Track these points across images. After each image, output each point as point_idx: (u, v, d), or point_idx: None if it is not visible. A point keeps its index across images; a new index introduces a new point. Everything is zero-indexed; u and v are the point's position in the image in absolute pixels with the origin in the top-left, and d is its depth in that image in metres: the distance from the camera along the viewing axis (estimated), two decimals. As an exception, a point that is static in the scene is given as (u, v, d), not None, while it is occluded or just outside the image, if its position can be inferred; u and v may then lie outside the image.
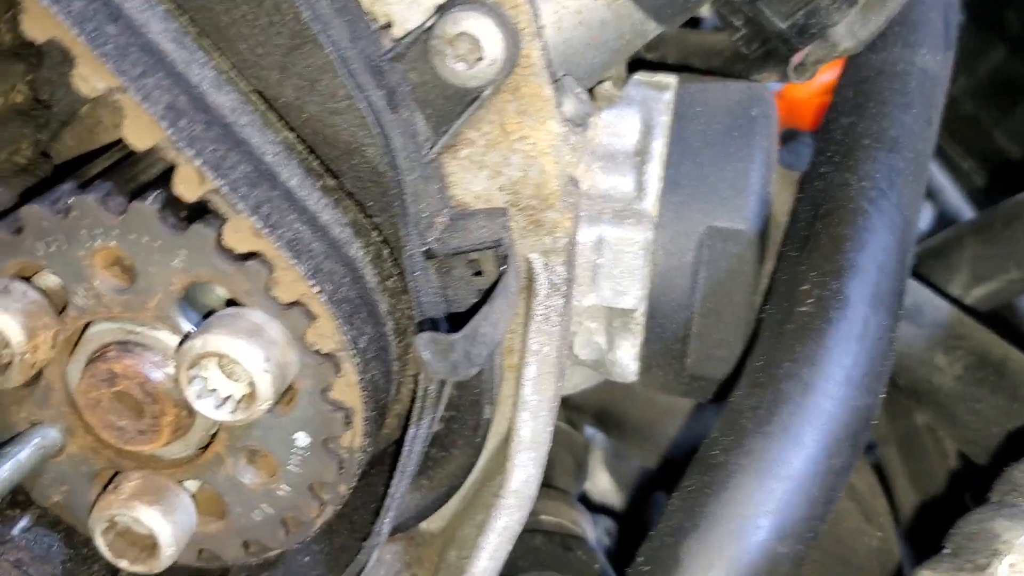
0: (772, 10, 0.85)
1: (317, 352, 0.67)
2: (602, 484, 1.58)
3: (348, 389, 0.69)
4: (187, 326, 0.68)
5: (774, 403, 0.68)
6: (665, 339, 0.89)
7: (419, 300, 0.71)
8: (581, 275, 0.87)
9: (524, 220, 0.77)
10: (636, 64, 1.04)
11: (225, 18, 0.67)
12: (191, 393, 0.65)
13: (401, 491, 0.72)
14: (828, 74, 1.08)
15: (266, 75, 0.69)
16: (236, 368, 0.65)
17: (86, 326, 0.70)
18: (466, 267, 0.74)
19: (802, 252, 0.76)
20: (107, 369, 0.68)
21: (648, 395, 1.24)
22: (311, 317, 0.66)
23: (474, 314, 0.71)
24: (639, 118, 0.91)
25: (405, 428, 0.75)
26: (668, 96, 0.93)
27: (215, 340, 0.63)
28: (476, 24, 0.69)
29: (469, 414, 0.80)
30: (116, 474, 0.75)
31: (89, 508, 0.76)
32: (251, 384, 0.64)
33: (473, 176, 0.76)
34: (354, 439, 0.71)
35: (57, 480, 0.77)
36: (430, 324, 0.69)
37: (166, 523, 0.71)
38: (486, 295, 0.71)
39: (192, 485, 0.75)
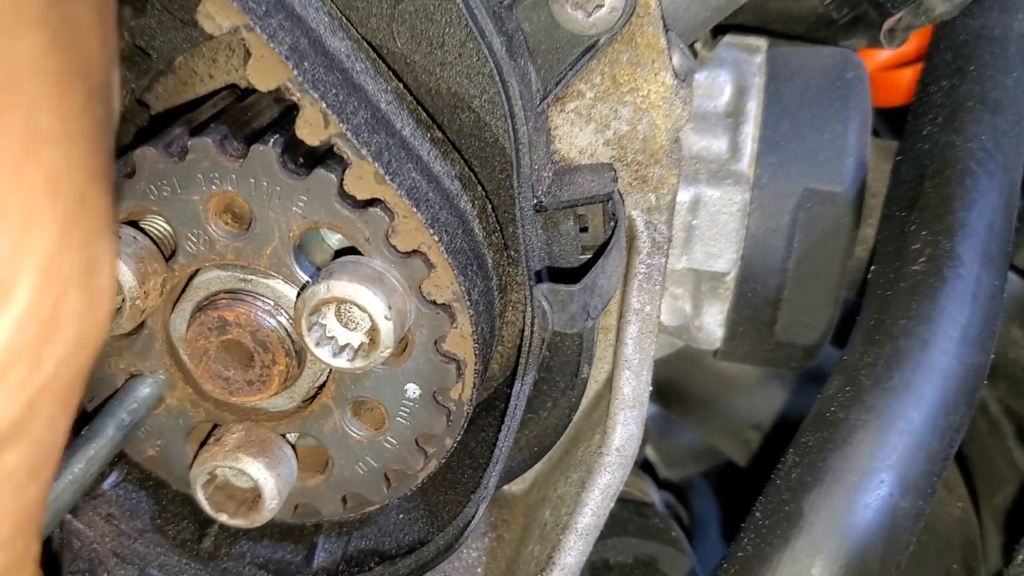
0: (870, -27, 0.84)
1: (433, 302, 0.66)
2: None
3: (461, 341, 0.68)
4: (302, 275, 0.67)
5: (892, 359, 0.67)
6: (755, 304, 0.88)
7: (527, 254, 0.70)
8: (675, 237, 0.86)
9: (629, 176, 0.76)
10: (715, 29, 1.03)
11: (340, -38, 0.66)
12: (310, 340, 0.64)
13: (508, 444, 0.71)
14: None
15: (375, 23, 0.68)
16: (357, 315, 0.64)
17: (194, 274, 0.69)
18: (573, 222, 0.73)
19: (910, 212, 0.75)
20: (218, 317, 0.68)
21: (715, 368, 1.23)
22: (429, 266, 0.65)
23: (581, 271, 0.70)
24: (731, 80, 0.90)
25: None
26: (759, 59, 0.92)
27: (339, 286, 0.62)
28: (597, -30, 0.68)
29: (560, 375, 0.79)
30: (214, 427, 0.75)
31: (186, 462, 0.75)
32: (372, 331, 0.63)
33: (579, 130, 0.75)
34: (463, 391, 0.70)
35: (153, 434, 0.76)
36: (548, 275, 0.68)
37: (271, 475, 0.70)
38: (599, 251, 0.70)
39: (292, 439, 0.75)
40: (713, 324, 0.91)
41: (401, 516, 0.79)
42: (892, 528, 0.62)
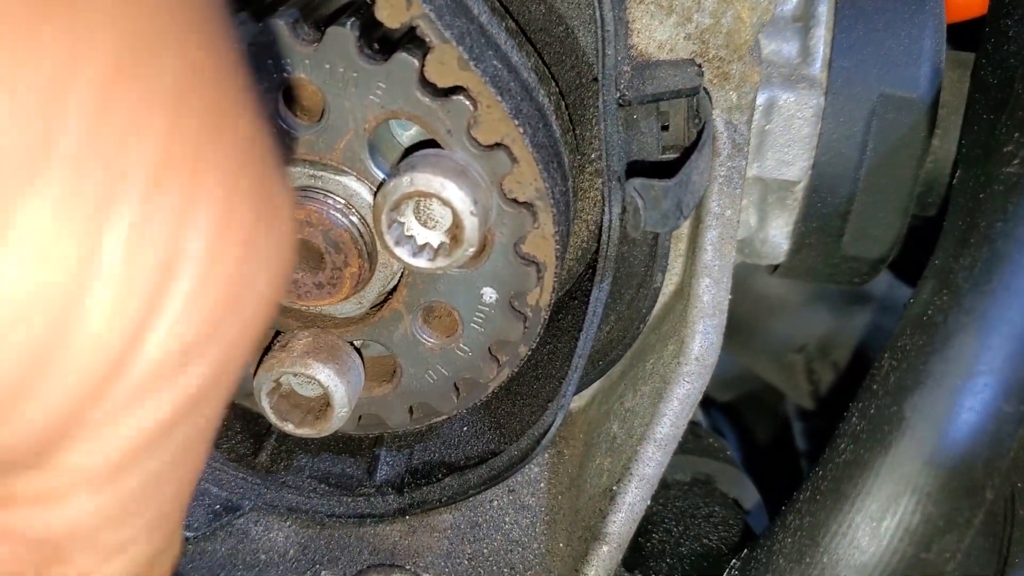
0: None
1: (514, 200, 0.63)
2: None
3: (542, 242, 0.65)
4: (376, 171, 0.64)
5: (991, 262, 0.64)
6: (823, 215, 0.85)
7: (608, 152, 0.67)
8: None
9: (710, 73, 0.72)
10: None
11: None
12: (390, 238, 0.61)
13: (586, 353, 0.68)
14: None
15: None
16: (437, 212, 0.61)
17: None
18: (655, 119, 0.69)
19: (999, 115, 0.72)
20: (287, 215, 0.64)
21: (757, 289, 1.20)
22: (512, 161, 0.62)
23: (669, 167, 0.67)
24: (801, -18, 0.86)
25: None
26: (828, -40, 0.88)
27: (424, 179, 0.59)
28: None
29: (626, 286, 0.77)
30: (276, 335, 0.72)
31: (246, 371, 0.72)
32: (455, 228, 0.60)
33: (659, 23, 0.71)
34: (541, 296, 0.67)
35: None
36: (639, 170, 0.65)
37: (341, 382, 0.68)
38: (686, 150, 0.66)
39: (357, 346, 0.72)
40: (779, 237, 0.88)
41: (465, 429, 0.76)
42: (996, 433, 0.60)
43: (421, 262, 0.62)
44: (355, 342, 0.71)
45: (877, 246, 0.86)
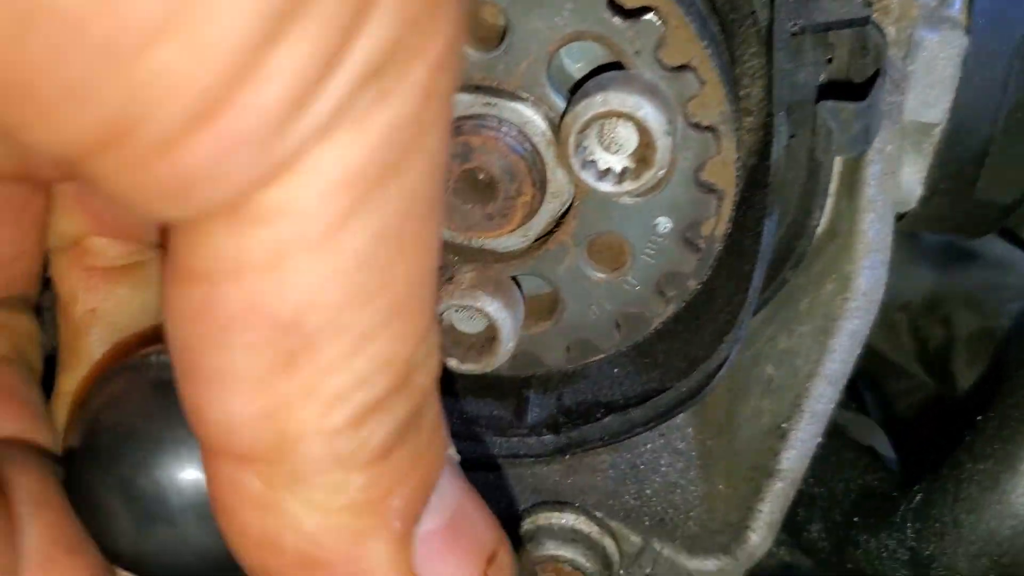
0: None
1: (697, 125, 0.62)
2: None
3: (722, 169, 0.64)
4: (555, 97, 0.62)
5: None
6: (960, 159, 0.84)
7: (780, 82, 0.66)
8: (888, 83, 0.81)
9: (869, 3, 0.71)
10: None
11: None
12: (576, 162, 0.60)
13: (759, 286, 0.67)
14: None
15: None
16: (622, 135, 0.60)
17: (432, 99, 0.64)
18: (820, 50, 0.68)
19: None
20: (463, 143, 0.63)
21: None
22: (700, 82, 0.61)
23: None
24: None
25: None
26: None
27: (618, 98, 0.57)
28: None
29: (778, 226, 0.76)
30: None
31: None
32: (645, 149, 0.59)
33: (820, -47, 0.70)
34: (717, 227, 0.66)
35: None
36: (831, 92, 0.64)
37: (509, 315, 0.66)
38: (872, 77, 0.65)
39: (512, 285, 0.70)
40: (913, 182, 0.86)
41: (616, 370, 0.75)
42: None
43: (607, 186, 0.61)
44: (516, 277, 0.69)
45: (1011, 190, 0.85)
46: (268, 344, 0.33)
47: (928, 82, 0.82)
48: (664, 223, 0.65)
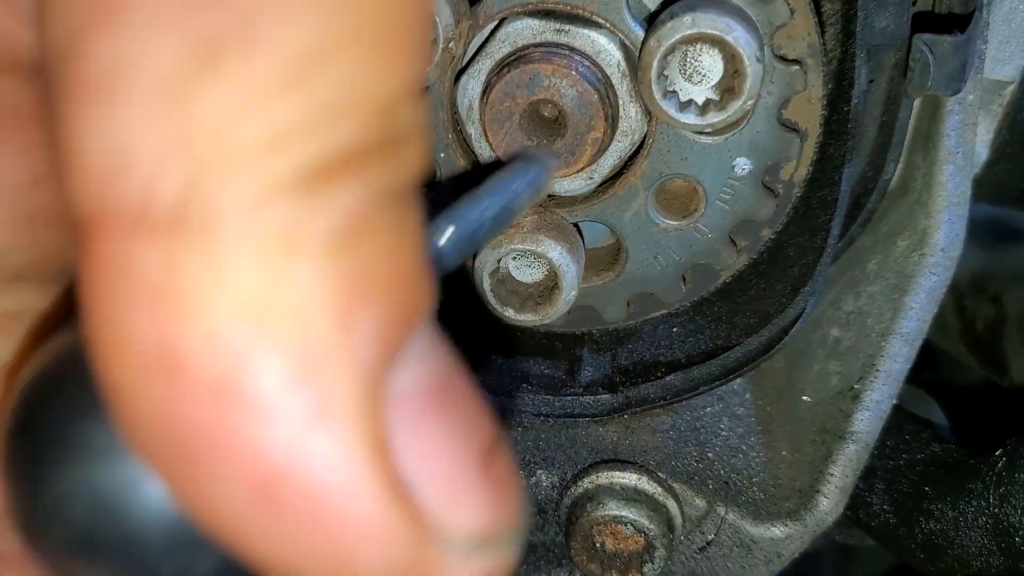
0: None
1: (784, 57, 0.58)
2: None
3: (807, 107, 0.60)
4: (633, 23, 0.58)
5: None
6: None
7: (864, 18, 0.62)
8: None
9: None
10: None
11: None
12: (657, 91, 0.56)
13: (836, 238, 0.63)
14: None
15: None
16: (706, 65, 0.56)
17: (498, 25, 0.60)
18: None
19: None
20: (531, 72, 0.59)
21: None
22: (790, 11, 0.57)
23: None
24: None
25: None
26: None
27: (708, 19, 0.53)
28: None
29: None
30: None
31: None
32: (735, 77, 0.55)
33: None
34: (797, 170, 0.62)
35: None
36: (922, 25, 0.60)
37: (572, 262, 0.62)
38: (970, 11, 0.61)
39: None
40: (979, 145, 0.83)
41: (675, 329, 0.71)
42: None
43: (689, 118, 0.56)
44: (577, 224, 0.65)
45: (1082, 158, 0.81)
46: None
47: (1004, 36, 0.78)
48: (743, 164, 0.61)
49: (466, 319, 0.68)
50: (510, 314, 0.64)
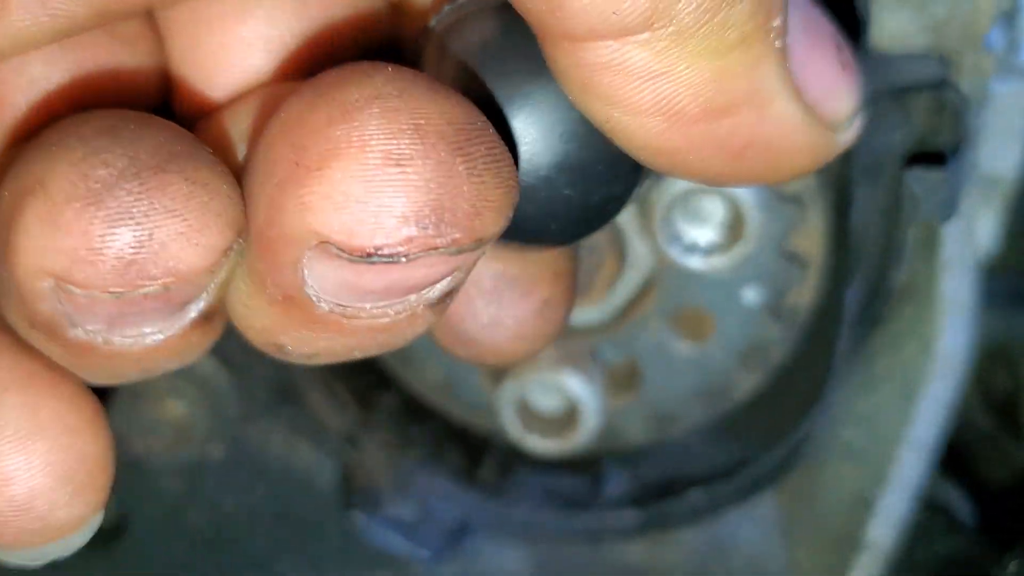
0: None
1: (782, 195, 0.61)
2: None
3: (809, 238, 0.63)
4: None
5: None
6: (1031, 210, 0.83)
7: (858, 145, 0.65)
8: (957, 137, 0.80)
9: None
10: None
11: None
12: (661, 237, 0.59)
13: (845, 354, 0.66)
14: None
15: None
16: (706, 208, 0.59)
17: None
18: (900, 114, 0.67)
19: None
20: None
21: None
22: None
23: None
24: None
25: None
26: (1022, -51, 0.86)
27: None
28: None
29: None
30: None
31: (473, 385, 0.70)
32: (735, 224, 0.58)
33: (890, 14, 0.69)
34: (803, 296, 0.64)
35: (434, 357, 0.70)
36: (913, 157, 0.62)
37: (592, 391, 0.65)
38: (956, 140, 0.64)
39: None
40: (984, 233, 0.85)
41: (697, 442, 0.73)
42: None
43: (695, 262, 0.60)
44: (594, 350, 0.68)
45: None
46: None
47: (999, 133, 0.81)
48: (750, 294, 0.64)
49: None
50: (531, 443, 0.67)
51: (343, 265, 0.31)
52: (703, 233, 0.60)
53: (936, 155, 0.63)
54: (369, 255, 0.31)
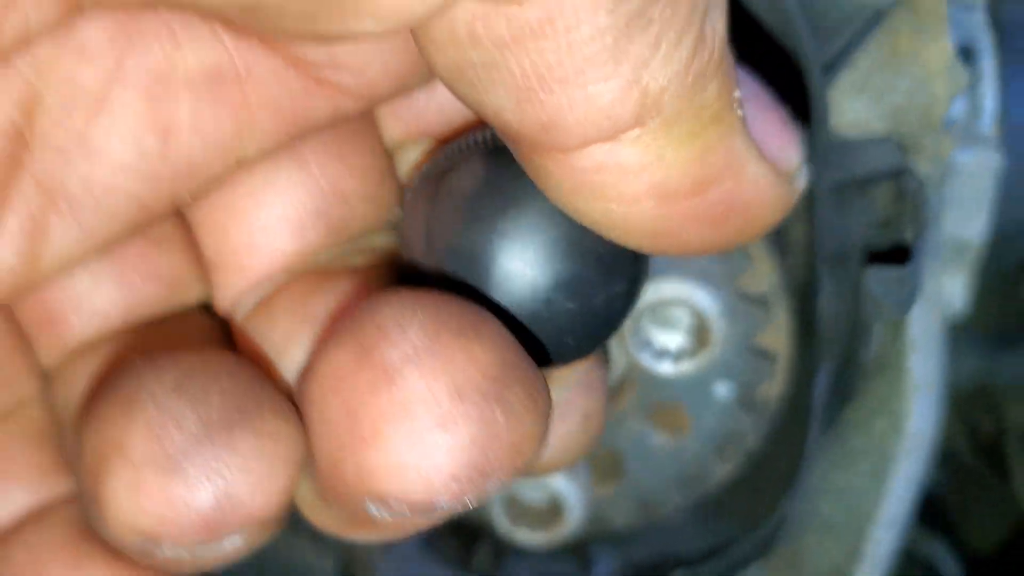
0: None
1: (747, 296, 0.63)
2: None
3: (775, 334, 0.65)
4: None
5: None
6: (1001, 269, 0.85)
7: (822, 236, 0.67)
8: (923, 207, 0.82)
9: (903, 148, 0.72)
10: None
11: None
12: (633, 345, 0.61)
13: (816, 439, 0.68)
14: None
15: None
16: (675, 315, 0.62)
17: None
18: (861, 201, 0.69)
19: None
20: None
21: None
22: (747, 260, 0.62)
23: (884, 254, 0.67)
24: (955, 41, 0.86)
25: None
26: (979, 16, 0.88)
27: (671, 287, 0.59)
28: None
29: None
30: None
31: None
32: (701, 331, 0.61)
33: (849, 103, 0.71)
34: (772, 388, 0.67)
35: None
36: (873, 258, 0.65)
37: (574, 487, 0.68)
38: (915, 232, 0.66)
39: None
40: (957, 291, 0.87)
41: (682, 523, 0.76)
42: None
43: (665, 368, 0.62)
44: (576, 444, 0.71)
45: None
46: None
47: (965, 201, 0.83)
48: (721, 389, 0.66)
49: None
50: (522, 535, 0.70)
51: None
52: (672, 338, 0.62)
53: (898, 250, 0.65)
54: (423, 510, 0.34)
